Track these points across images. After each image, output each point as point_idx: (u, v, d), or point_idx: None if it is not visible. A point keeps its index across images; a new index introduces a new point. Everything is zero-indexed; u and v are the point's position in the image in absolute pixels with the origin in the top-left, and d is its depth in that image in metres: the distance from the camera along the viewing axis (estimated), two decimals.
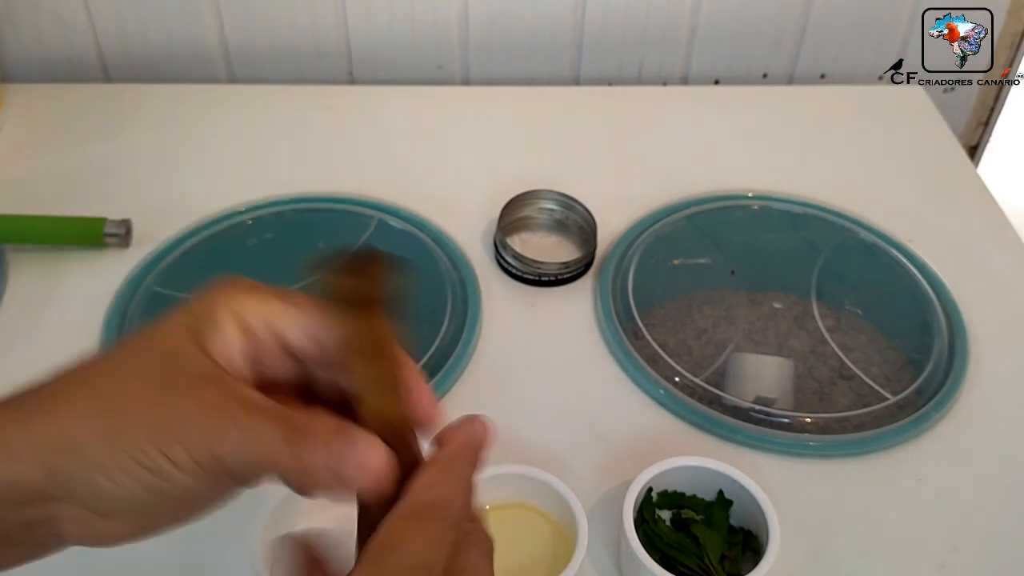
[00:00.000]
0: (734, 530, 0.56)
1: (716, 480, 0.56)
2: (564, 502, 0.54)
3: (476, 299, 0.72)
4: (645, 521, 0.55)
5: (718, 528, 0.55)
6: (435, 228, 0.79)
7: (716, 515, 0.56)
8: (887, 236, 0.79)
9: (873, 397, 0.66)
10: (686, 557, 0.53)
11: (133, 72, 0.99)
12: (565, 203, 0.79)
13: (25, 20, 0.95)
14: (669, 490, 0.57)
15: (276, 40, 0.97)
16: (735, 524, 0.56)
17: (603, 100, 0.97)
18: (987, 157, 1.12)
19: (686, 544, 0.54)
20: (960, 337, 0.70)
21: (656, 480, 0.56)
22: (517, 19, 0.96)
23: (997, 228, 0.82)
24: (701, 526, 0.55)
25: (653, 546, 0.53)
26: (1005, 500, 0.61)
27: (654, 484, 0.56)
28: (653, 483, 0.56)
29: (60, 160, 0.86)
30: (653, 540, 0.54)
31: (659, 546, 0.54)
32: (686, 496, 0.57)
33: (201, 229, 0.78)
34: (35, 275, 0.74)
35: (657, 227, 0.79)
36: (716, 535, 0.54)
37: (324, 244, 0.77)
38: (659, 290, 0.74)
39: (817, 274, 0.76)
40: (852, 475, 0.62)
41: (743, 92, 0.99)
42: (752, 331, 0.71)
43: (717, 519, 0.55)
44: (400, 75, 1.00)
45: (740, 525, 0.56)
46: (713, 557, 0.53)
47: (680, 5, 0.97)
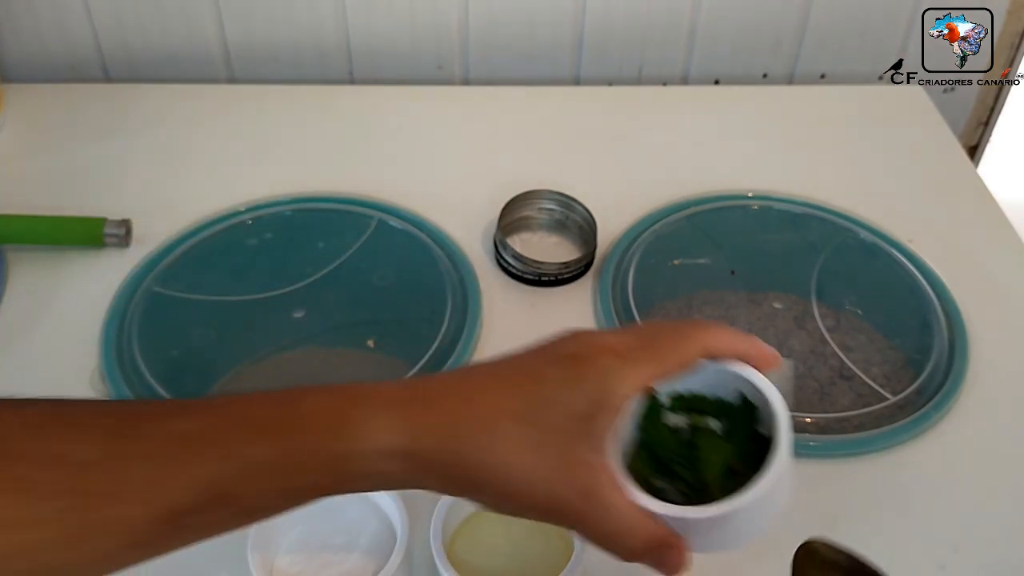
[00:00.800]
0: (761, 439, 0.46)
1: (734, 383, 0.46)
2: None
3: (476, 299, 0.72)
4: (645, 428, 0.45)
5: (735, 437, 0.46)
6: (435, 228, 0.79)
7: (735, 422, 0.46)
8: (887, 236, 0.79)
9: (873, 397, 0.66)
10: (684, 469, 0.45)
11: (133, 72, 0.99)
12: (565, 203, 0.79)
13: (25, 20, 0.95)
14: (685, 393, 0.47)
15: (276, 40, 0.97)
16: (765, 432, 0.46)
17: (603, 100, 0.97)
18: (987, 157, 1.12)
19: (689, 454, 0.45)
20: (960, 337, 0.70)
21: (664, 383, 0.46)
22: (517, 19, 0.96)
23: (997, 228, 0.82)
24: (707, 435, 0.46)
25: (654, 457, 0.45)
26: (1005, 500, 0.61)
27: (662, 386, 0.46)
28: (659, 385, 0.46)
29: (60, 160, 0.86)
30: (653, 451, 0.45)
31: (660, 457, 0.45)
32: (708, 399, 0.47)
33: (201, 229, 0.78)
34: (35, 275, 0.74)
35: (657, 227, 0.79)
36: (720, 444, 0.45)
37: (324, 244, 0.77)
38: (659, 290, 0.74)
39: (817, 274, 0.76)
40: (852, 475, 0.62)
41: (743, 92, 0.99)
42: (752, 331, 0.71)
43: (736, 427, 0.46)
44: (400, 75, 1.00)
45: (770, 434, 0.46)
46: (710, 470, 0.44)
47: (680, 5, 0.97)
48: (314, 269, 0.75)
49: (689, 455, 0.45)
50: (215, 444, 0.36)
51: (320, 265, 0.75)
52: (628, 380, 0.40)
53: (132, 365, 0.67)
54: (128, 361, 0.67)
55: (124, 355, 0.67)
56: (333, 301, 0.73)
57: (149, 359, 0.67)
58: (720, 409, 0.46)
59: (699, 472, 0.44)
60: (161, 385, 0.65)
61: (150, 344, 0.68)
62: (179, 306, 0.72)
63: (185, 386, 0.66)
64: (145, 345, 0.68)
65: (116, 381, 0.65)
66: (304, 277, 0.74)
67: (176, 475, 0.35)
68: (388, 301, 0.73)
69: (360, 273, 0.75)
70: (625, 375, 0.40)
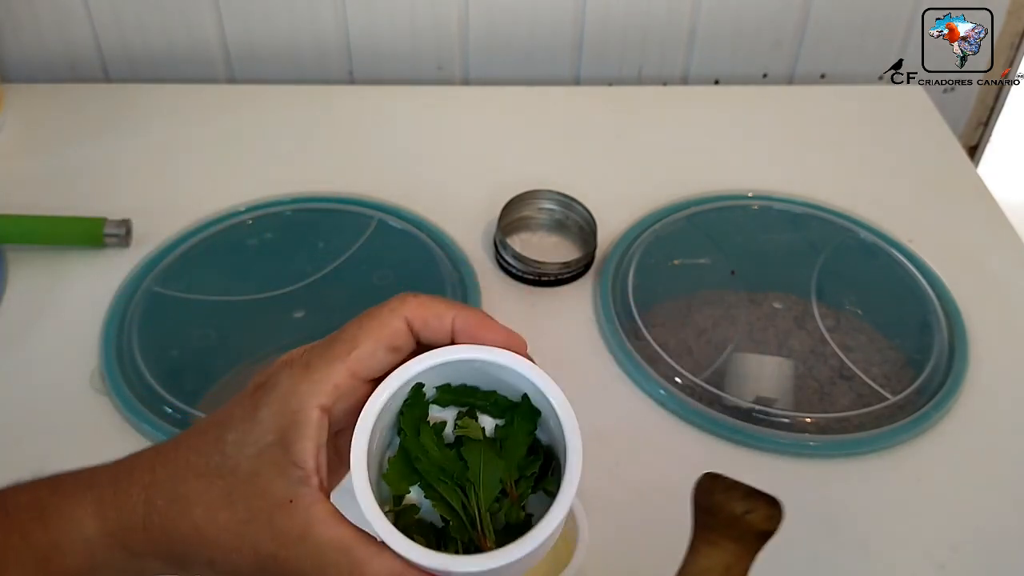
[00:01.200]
0: (537, 450, 0.37)
1: (515, 381, 0.37)
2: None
3: (476, 299, 0.72)
4: (403, 432, 0.37)
5: (511, 447, 0.37)
6: (435, 228, 0.79)
7: (516, 427, 0.37)
8: (887, 236, 0.79)
9: (873, 397, 0.66)
10: (449, 490, 0.36)
11: (133, 72, 0.99)
12: (565, 203, 0.79)
13: (25, 20, 0.95)
14: (454, 383, 0.38)
15: (276, 40, 0.97)
16: (545, 441, 0.38)
17: (603, 100, 0.97)
18: (987, 157, 1.12)
19: (456, 469, 0.36)
20: (960, 337, 0.70)
21: (432, 374, 0.37)
22: (517, 19, 0.96)
23: (997, 228, 0.82)
24: (476, 445, 0.36)
25: (414, 470, 0.36)
26: (1005, 500, 0.61)
27: (428, 378, 0.37)
28: (425, 377, 0.37)
29: (60, 160, 0.86)
30: (412, 460, 0.36)
31: (419, 470, 0.36)
32: (480, 392, 0.38)
33: (201, 229, 0.78)
34: (35, 275, 0.74)
35: (657, 227, 0.79)
36: (493, 461, 0.36)
37: (324, 244, 0.77)
38: (659, 290, 0.74)
39: (817, 274, 0.76)
40: (852, 475, 0.62)
41: (743, 92, 0.99)
42: (752, 331, 0.71)
43: (516, 433, 0.37)
44: (400, 75, 1.00)
45: (551, 444, 0.38)
46: (484, 496, 0.35)
47: (680, 5, 0.97)
48: (314, 269, 0.75)
49: (455, 472, 0.36)
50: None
51: (320, 265, 0.75)
52: (317, 385, 0.34)
53: (132, 365, 0.67)
54: (128, 361, 0.67)
55: (124, 355, 0.67)
56: (333, 301, 0.73)
57: (149, 359, 0.67)
58: (496, 407, 0.38)
59: (466, 496, 0.36)
60: (161, 385, 0.65)
61: (150, 344, 0.68)
62: (179, 306, 0.72)
63: (185, 386, 0.66)
64: (145, 345, 0.68)
65: (116, 381, 0.65)
66: (304, 277, 0.74)
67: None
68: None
69: (360, 273, 0.75)
70: (312, 381, 0.34)
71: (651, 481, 0.61)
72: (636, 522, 0.59)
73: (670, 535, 0.58)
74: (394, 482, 0.36)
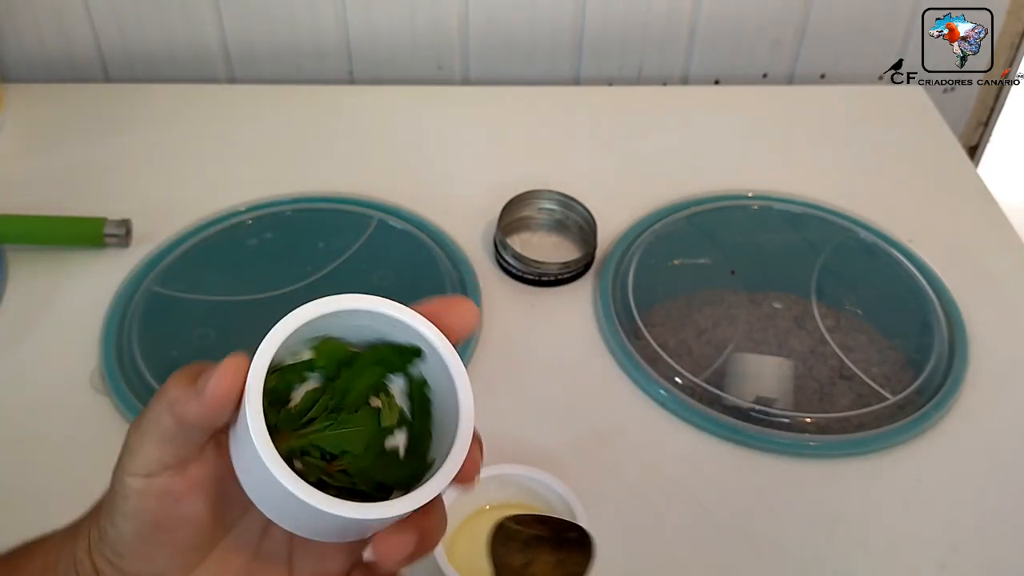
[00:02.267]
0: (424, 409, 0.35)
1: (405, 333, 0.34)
2: (564, 502, 0.54)
3: (476, 299, 0.72)
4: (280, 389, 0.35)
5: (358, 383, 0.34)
6: (435, 228, 0.79)
7: (362, 362, 0.35)
8: (887, 236, 0.79)
9: (873, 397, 0.66)
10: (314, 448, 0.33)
11: (133, 72, 0.99)
12: (565, 203, 0.79)
13: (25, 20, 0.95)
14: (335, 336, 0.36)
15: (276, 40, 0.97)
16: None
17: (603, 100, 0.97)
18: (987, 157, 1.12)
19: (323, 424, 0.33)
20: (960, 337, 0.70)
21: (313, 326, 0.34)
22: (517, 19, 0.96)
23: (997, 228, 0.82)
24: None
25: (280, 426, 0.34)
26: (1005, 500, 0.61)
27: (310, 330, 0.35)
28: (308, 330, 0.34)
29: (60, 160, 0.86)
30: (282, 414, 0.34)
31: (280, 426, 0.34)
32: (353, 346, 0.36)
33: (201, 229, 0.78)
34: (35, 275, 0.74)
35: (657, 227, 0.79)
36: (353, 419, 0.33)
37: (324, 244, 0.77)
38: (659, 290, 0.74)
39: (817, 274, 0.76)
40: (852, 475, 0.62)
41: (743, 92, 0.99)
42: (752, 331, 0.71)
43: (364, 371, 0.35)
44: (400, 75, 1.00)
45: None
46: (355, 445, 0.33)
47: (680, 5, 0.97)
48: (314, 269, 0.75)
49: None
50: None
51: (320, 265, 0.75)
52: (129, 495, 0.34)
53: (132, 365, 0.67)
54: (128, 361, 0.67)
55: (124, 355, 0.67)
56: None
57: (149, 359, 0.67)
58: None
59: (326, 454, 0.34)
60: (161, 385, 0.65)
61: (150, 344, 0.68)
62: (179, 306, 0.72)
63: None
64: (145, 345, 0.68)
65: (116, 381, 0.65)
66: (304, 277, 0.74)
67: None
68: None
69: (360, 273, 0.75)
70: (122, 497, 0.35)
71: (651, 481, 0.61)
72: (636, 522, 0.59)
73: (670, 535, 0.58)
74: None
